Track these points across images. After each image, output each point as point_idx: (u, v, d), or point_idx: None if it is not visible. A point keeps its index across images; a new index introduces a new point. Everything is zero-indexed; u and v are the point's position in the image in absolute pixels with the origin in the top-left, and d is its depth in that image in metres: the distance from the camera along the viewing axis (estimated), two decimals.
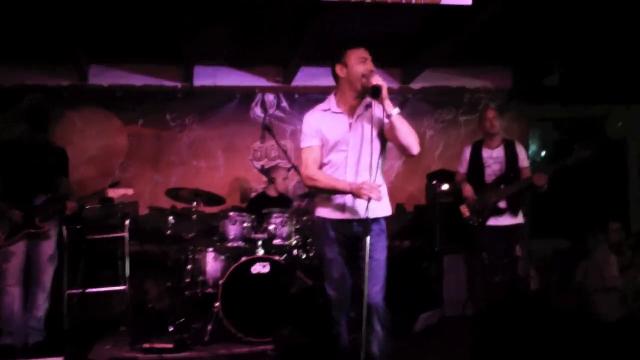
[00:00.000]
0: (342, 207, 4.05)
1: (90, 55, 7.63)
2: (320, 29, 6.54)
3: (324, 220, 4.13)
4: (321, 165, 4.16)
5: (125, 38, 7.04)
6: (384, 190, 4.07)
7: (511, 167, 6.24)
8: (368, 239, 3.79)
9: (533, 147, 9.02)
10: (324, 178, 4.09)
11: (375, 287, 3.89)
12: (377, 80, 3.90)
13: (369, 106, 4.03)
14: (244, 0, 5.22)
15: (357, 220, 4.01)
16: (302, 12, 6.30)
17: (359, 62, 4.07)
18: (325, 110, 4.15)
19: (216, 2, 5.95)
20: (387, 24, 6.66)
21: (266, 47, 7.48)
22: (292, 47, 7.29)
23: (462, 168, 6.48)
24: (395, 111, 3.91)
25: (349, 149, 4.03)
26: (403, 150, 4.01)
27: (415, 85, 8.52)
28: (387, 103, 3.89)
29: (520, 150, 6.34)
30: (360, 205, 3.96)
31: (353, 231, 4.04)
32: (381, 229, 4.04)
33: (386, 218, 4.12)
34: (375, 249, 3.93)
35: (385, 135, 4.05)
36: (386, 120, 3.95)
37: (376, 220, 4.00)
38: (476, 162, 6.35)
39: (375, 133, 3.95)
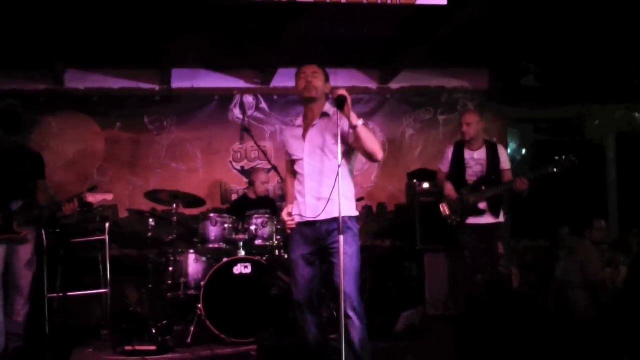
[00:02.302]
0: (304, 210, 4.27)
1: (66, 59, 7.63)
2: (296, 31, 6.60)
3: None
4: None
5: (102, 42, 7.04)
6: (350, 192, 4.30)
7: (493, 169, 6.33)
8: (341, 237, 3.94)
9: (512, 147, 9.12)
10: (285, 187, 4.62)
11: (345, 278, 4.00)
12: (341, 91, 4.05)
13: (324, 115, 4.31)
14: (221, 5, 5.27)
15: (318, 222, 4.22)
16: (278, 14, 6.34)
17: (298, 78, 4.36)
18: (292, 124, 4.57)
19: (193, 7, 5.99)
20: (364, 24, 6.71)
21: (244, 49, 7.50)
22: (270, 49, 7.32)
23: (444, 167, 6.55)
24: (360, 122, 4.10)
25: (304, 158, 4.30)
26: (369, 157, 4.25)
27: (394, 85, 8.59)
28: (352, 115, 4.07)
29: (502, 152, 6.43)
30: (319, 208, 4.18)
31: (316, 232, 4.25)
32: (346, 226, 4.13)
33: (354, 217, 4.32)
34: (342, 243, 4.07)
35: (349, 142, 4.22)
36: (350, 130, 4.11)
37: (337, 220, 4.10)
38: (458, 162, 6.42)
39: (331, 141, 4.20)
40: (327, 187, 4.15)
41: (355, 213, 4.35)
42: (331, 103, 4.30)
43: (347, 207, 4.17)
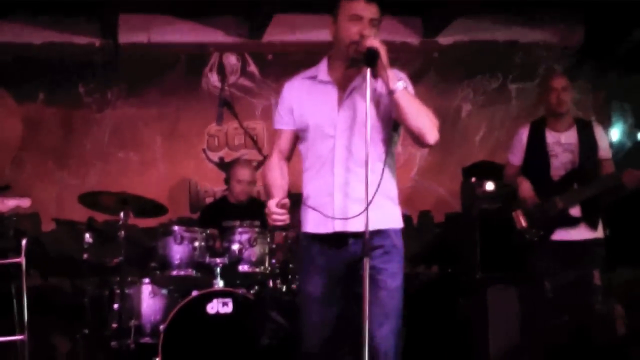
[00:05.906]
0: (331, 215, 4.05)
1: None
2: None
3: (309, 237, 4.19)
4: (304, 159, 4.26)
5: None
6: (394, 191, 4.14)
7: (588, 159, 6.30)
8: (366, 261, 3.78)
9: (616, 131, 9.09)
10: (267, 175, 4.35)
11: (382, 328, 3.93)
12: (372, 41, 3.91)
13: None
14: None
15: (353, 235, 4.01)
16: None
17: (348, 20, 4.07)
18: (310, 78, 4.24)
19: None
20: None
21: None
22: None
23: (516, 158, 6.53)
24: (399, 85, 3.93)
25: (336, 135, 4.08)
26: (414, 138, 4.03)
27: (444, 39, 8.64)
28: (389, 74, 3.92)
29: (600, 135, 6.41)
30: (351, 213, 3.96)
31: (349, 251, 4.04)
32: (392, 244, 4.04)
33: (399, 229, 4.14)
34: (383, 274, 3.98)
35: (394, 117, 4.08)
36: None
37: (381, 233, 4.01)
38: (538, 150, 6.39)
39: (374, 114, 4.02)
40: (363, 183, 3.82)
41: (401, 224, 4.17)
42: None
43: (392, 214, 4.09)
